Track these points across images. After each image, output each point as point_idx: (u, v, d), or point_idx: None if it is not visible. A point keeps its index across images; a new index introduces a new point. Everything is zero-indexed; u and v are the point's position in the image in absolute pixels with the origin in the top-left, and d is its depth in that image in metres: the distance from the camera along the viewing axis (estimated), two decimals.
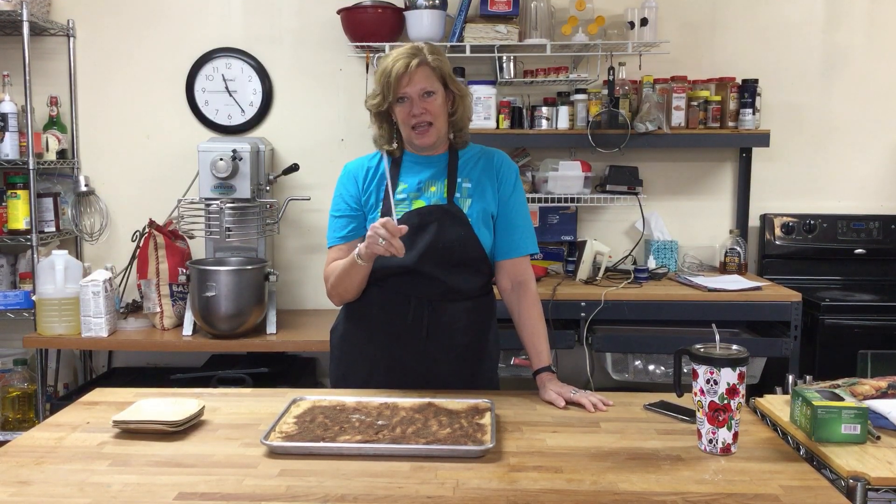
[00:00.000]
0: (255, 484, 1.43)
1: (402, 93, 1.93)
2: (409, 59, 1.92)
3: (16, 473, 1.48)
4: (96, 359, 3.59)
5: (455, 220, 1.96)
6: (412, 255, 1.93)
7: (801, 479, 1.45)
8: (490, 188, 2.02)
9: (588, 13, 3.21)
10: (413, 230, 1.91)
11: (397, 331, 1.99)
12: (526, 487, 1.42)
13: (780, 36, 3.46)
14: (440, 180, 2.01)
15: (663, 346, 2.96)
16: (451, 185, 1.99)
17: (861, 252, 3.43)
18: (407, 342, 1.99)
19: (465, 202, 1.99)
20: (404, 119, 1.96)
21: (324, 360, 3.51)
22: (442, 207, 1.97)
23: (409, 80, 1.92)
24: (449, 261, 1.96)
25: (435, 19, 3.19)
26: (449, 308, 1.99)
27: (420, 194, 2.00)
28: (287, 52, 3.48)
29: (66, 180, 3.49)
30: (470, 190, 2.00)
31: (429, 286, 1.96)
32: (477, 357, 2.06)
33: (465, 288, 2.00)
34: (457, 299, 1.99)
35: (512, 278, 2.05)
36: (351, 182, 2.05)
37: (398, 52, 1.95)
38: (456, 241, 1.95)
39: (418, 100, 1.94)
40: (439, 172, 2.02)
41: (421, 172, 2.02)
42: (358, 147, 3.47)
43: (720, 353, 1.57)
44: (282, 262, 3.54)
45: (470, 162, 2.04)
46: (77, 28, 3.45)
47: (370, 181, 2.04)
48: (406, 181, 2.02)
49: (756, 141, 3.31)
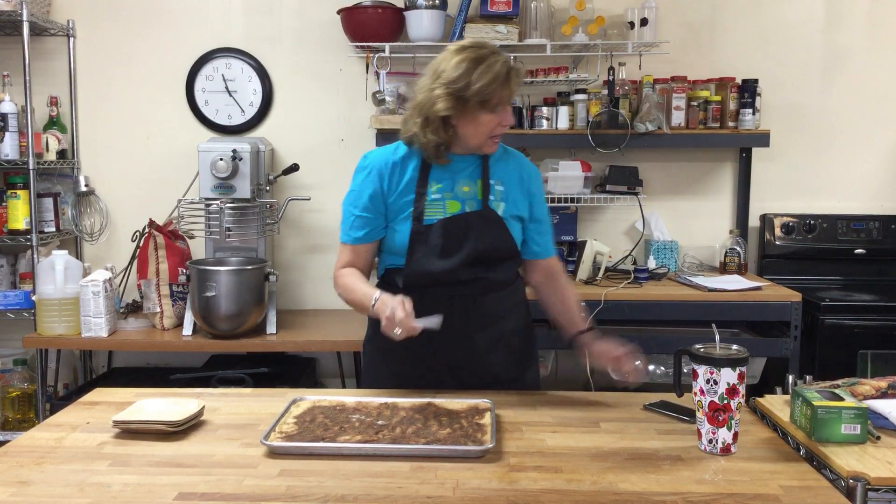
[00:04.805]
0: (255, 484, 1.43)
1: (500, 102, 1.88)
2: (516, 74, 1.89)
3: (16, 473, 1.48)
4: (96, 359, 3.59)
5: (492, 224, 1.96)
6: (454, 263, 1.93)
7: (801, 479, 1.45)
8: (520, 193, 2.02)
9: (588, 13, 3.21)
10: (453, 238, 1.92)
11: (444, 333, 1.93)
12: (526, 487, 1.42)
13: (780, 36, 3.46)
14: (473, 181, 1.98)
15: (663, 346, 2.96)
16: (486, 188, 1.98)
17: (861, 252, 3.43)
18: (456, 342, 1.97)
19: (498, 205, 1.98)
20: (491, 128, 1.91)
21: (324, 360, 3.51)
22: (479, 213, 1.96)
23: (511, 92, 1.89)
24: (487, 261, 1.97)
25: (435, 19, 3.19)
26: (490, 298, 1.99)
27: (454, 195, 1.97)
28: (287, 52, 3.48)
29: (66, 180, 3.49)
30: (503, 193, 1.99)
31: (471, 285, 1.97)
32: (524, 343, 2.08)
33: (502, 278, 2.02)
34: (495, 289, 2.00)
35: (546, 274, 2.09)
36: (375, 179, 1.98)
37: (498, 60, 1.87)
38: (495, 245, 1.97)
39: (509, 109, 1.92)
40: (472, 173, 1.99)
41: (454, 172, 1.99)
42: (358, 147, 3.47)
43: (720, 353, 1.57)
44: (282, 262, 3.54)
45: (499, 163, 2.02)
46: (77, 28, 3.45)
47: (397, 181, 1.97)
48: (440, 180, 1.98)
49: (756, 141, 3.31)
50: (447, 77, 1.86)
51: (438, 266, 1.93)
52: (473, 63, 1.85)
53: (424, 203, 1.94)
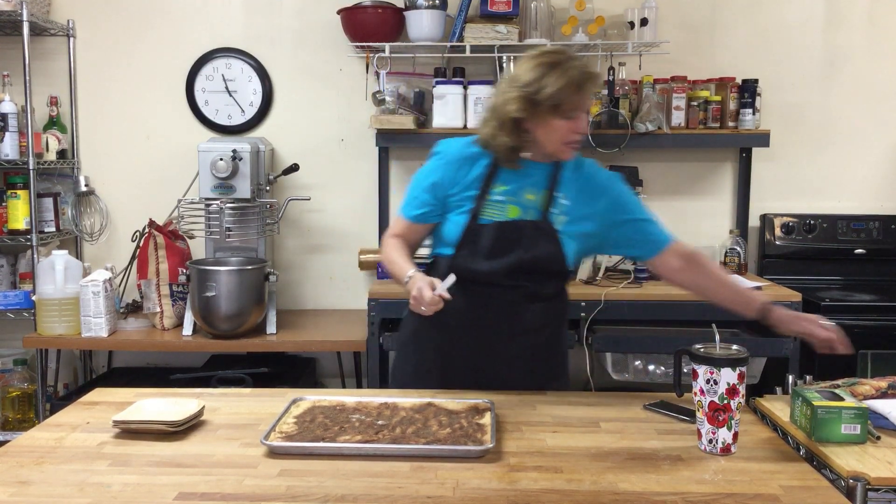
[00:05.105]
0: (255, 484, 1.43)
1: (573, 108, 1.86)
2: (591, 80, 1.87)
3: (16, 473, 1.48)
4: (96, 359, 3.59)
5: (546, 237, 1.93)
6: (499, 267, 1.92)
7: (801, 479, 1.45)
8: (587, 209, 1.97)
9: (588, 13, 3.20)
10: (504, 243, 1.92)
11: (477, 332, 1.97)
12: (526, 487, 1.42)
13: (780, 36, 3.46)
14: (539, 190, 1.96)
15: (663, 346, 2.96)
16: (549, 200, 1.96)
17: (861, 252, 3.43)
18: (485, 343, 1.98)
19: (559, 218, 1.95)
20: (564, 134, 1.89)
21: (324, 360, 3.51)
22: (535, 224, 1.94)
23: (585, 98, 1.88)
24: (532, 271, 1.95)
25: (435, 19, 3.19)
26: (528, 308, 1.98)
27: (517, 199, 1.95)
28: (287, 52, 3.48)
29: (66, 180, 3.49)
30: (566, 207, 1.96)
31: (511, 292, 1.95)
32: (554, 357, 2.07)
33: (544, 292, 2.00)
34: (535, 300, 1.99)
35: (680, 258, 2.01)
36: (442, 168, 1.98)
37: (574, 65, 1.86)
38: (544, 257, 1.94)
39: (584, 116, 1.90)
40: (540, 181, 1.96)
41: (523, 177, 1.97)
42: (358, 147, 3.48)
43: (720, 353, 1.57)
44: (282, 262, 3.54)
45: (569, 176, 1.99)
46: (77, 28, 3.45)
47: (464, 175, 1.97)
48: (506, 183, 1.96)
49: (756, 141, 3.31)
50: (521, 80, 1.87)
51: (483, 267, 1.92)
52: (548, 67, 1.85)
53: (485, 202, 1.94)
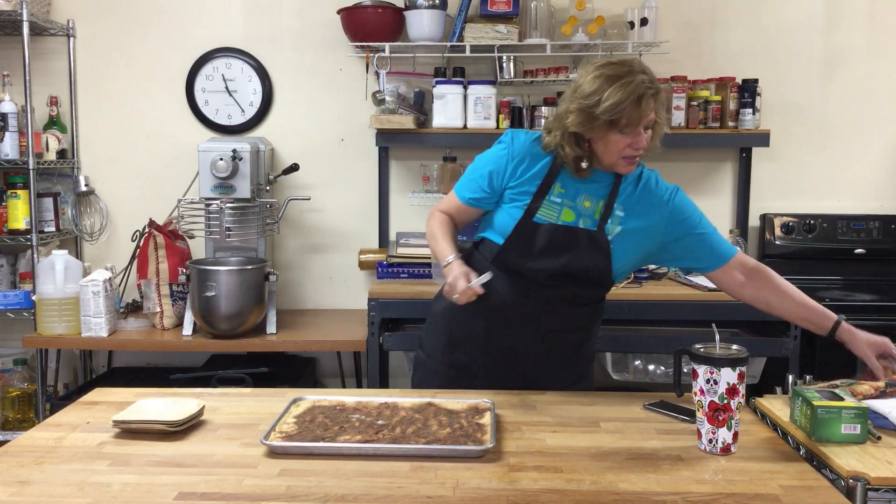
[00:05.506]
0: (255, 484, 1.43)
1: (630, 123, 1.82)
2: (653, 95, 1.81)
3: (16, 473, 1.48)
4: (96, 359, 3.59)
5: (597, 248, 1.92)
6: (546, 269, 1.92)
7: (801, 479, 1.45)
8: (645, 220, 1.95)
9: (588, 13, 3.20)
10: (556, 246, 1.91)
11: (511, 323, 1.97)
12: (526, 487, 1.42)
13: (780, 36, 3.46)
14: (597, 199, 1.94)
15: (663, 346, 2.96)
16: (607, 211, 1.93)
17: (861, 252, 3.43)
18: (518, 335, 1.98)
19: (613, 229, 1.93)
20: (622, 149, 1.85)
21: (324, 359, 3.51)
22: (591, 234, 1.92)
23: (645, 115, 1.82)
24: (578, 280, 1.94)
25: (435, 19, 3.19)
26: (565, 310, 1.98)
27: (573, 205, 1.94)
28: (287, 52, 3.48)
29: (66, 180, 3.49)
30: (622, 219, 1.94)
31: (552, 292, 1.95)
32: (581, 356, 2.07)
33: (585, 296, 1.99)
34: (574, 304, 1.99)
35: (743, 271, 2.00)
36: (504, 160, 1.96)
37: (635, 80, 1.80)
38: (592, 268, 1.93)
39: (643, 132, 1.85)
40: (599, 190, 1.94)
41: (583, 182, 1.94)
42: (358, 147, 3.48)
43: (720, 353, 1.57)
44: (282, 262, 3.54)
45: (629, 187, 1.96)
46: (77, 28, 3.45)
47: (524, 171, 1.95)
48: (565, 185, 1.94)
49: (756, 141, 3.31)
50: (581, 92, 1.85)
51: (530, 266, 1.92)
52: (608, 81, 1.81)
53: (542, 202, 1.93)
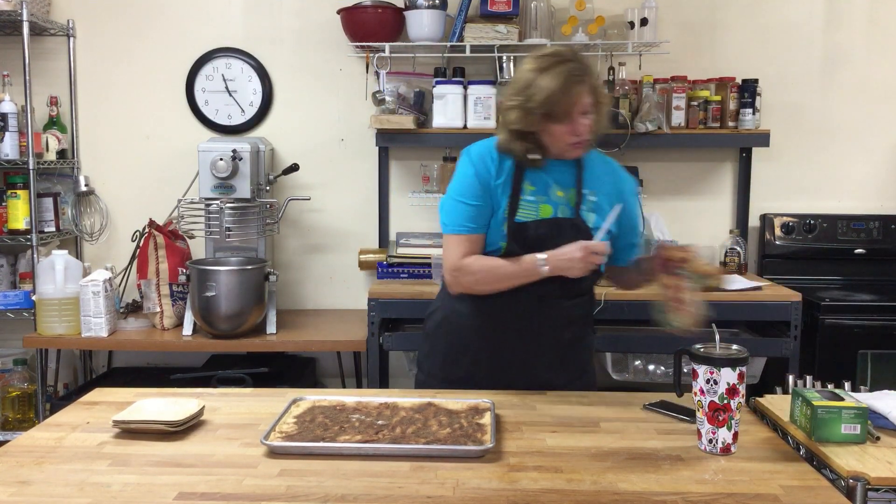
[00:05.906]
0: (255, 484, 1.43)
1: (566, 111, 1.86)
2: (580, 81, 1.85)
3: (16, 473, 1.48)
4: (96, 359, 3.59)
5: (581, 234, 1.94)
6: None
7: (801, 479, 1.45)
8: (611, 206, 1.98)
9: (588, 13, 3.21)
10: (541, 240, 1.92)
11: (508, 325, 1.98)
12: (526, 487, 1.42)
13: (780, 36, 3.46)
14: (567, 188, 1.98)
15: (663, 346, 2.95)
16: (579, 197, 1.97)
17: (861, 252, 3.43)
18: (514, 337, 1.99)
19: (589, 216, 1.97)
20: (564, 137, 1.90)
21: (324, 360, 3.51)
22: (571, 221, 1.96)
23: (577, 102, 1.86)
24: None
25: (435, 19, 3.19)
26: (560, 304, 1.99)
27: (547, 198, 1.97)
28: (287, 52, 3.48)
29: (66, 180, 3.49)
30: (594, 204, 1.98)
31: (544, 287, 1.95)
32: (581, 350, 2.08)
33: (576, 288, 2.00)
34: (567, 297, 2.00)
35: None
36: (483, 169, 1.96)
37: (560, 69, 1.84)
38: None
39: (581, 118, 1.88)
40: (566, 179, 1.98)
41: (548, 174, 1.98)
42: (358, 147, 3.48)
43: (720, 353, 1.57)
44: (282, 262, 3.54)
45: (594, 172, 2.01)
46: (77, 28, 3.45)
47: (496, 175, 1.96)
48: (534, 182, 1.97)
49: (756, 141, 3.31)
50: (513, 88, 1.89)
51: None
52: (537, 73, 1.85)
53: (518, 203, 1.94)
